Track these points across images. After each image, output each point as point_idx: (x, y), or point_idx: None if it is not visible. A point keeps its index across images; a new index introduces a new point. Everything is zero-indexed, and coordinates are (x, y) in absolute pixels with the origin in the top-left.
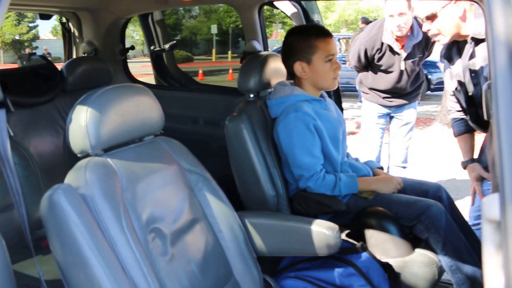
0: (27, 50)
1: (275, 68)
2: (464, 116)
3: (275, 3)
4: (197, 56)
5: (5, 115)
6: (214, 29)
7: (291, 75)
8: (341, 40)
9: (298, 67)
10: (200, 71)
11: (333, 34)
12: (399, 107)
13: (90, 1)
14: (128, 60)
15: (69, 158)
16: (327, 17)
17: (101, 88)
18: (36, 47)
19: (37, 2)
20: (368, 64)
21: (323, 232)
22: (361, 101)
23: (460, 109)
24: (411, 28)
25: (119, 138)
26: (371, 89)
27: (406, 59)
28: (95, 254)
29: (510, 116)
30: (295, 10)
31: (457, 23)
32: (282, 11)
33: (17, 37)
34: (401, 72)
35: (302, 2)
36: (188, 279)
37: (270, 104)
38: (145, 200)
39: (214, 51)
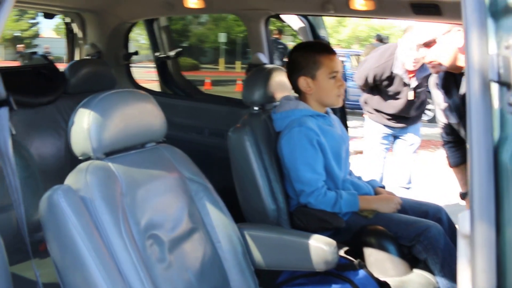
0: (19, 47)
1: (280, 82)
2: (458, 147)
3: (282, 16)
4: (204, 65)
5: (8, 113)
6: (222, 37)
7: (296, 90)
8: (351, 57)
9: (303, 82)
10: (208, 80)
11: (343, 50)
12: (403, 128)
13: (94, 2)
14: (132, 65)
15: (71, 161)
16: (339, 32)
17: (104, 92)
18: (36, 45)
19: (40, 0)
20: (375, 86)
21: (321, 248)
22: None
23: (454, 140)
24: None
25: (121, 143)
26: (376, 110)
27: (414, 89)
28: (93, 257)
29: (480, 140)
30: (303, 25)
31: (455, 53)
32: (289, 25)
33: (18, 34)
34: (409, 101)
35: (309, 17)
36: (184, 287)
37: (274, 118)
38: (144, 206)
39: (221, 60)
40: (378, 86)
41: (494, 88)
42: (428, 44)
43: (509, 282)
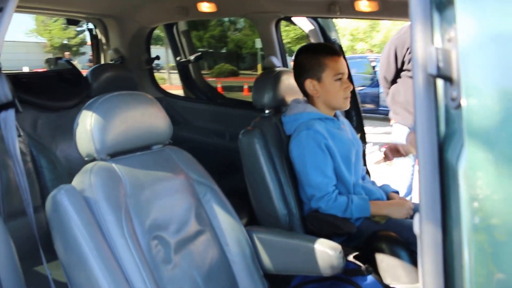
0: (66, 55)
1: (289, 85)
2: None
3: (292, 19)
4: (243, 71)
5: (14, 115)
6: (259, 43)
7: (303, 93)
8: None
9: (309, 84)
10: (246, 86)
11: (375, 55)
12: None
13: (114, 8)
14: (173, 71)
15: None
16: (372, 36)
17: (107, 94)
18: (84, 53)
19: (62, 7)
20: (397, 73)
21: (326, 252)
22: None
23: None
24: None
25: (124, 144)
26: (403, 103)
27: None
28: (94, 255)
29: (424, 138)
30: (312, 27)
31: None
32: (299, 27)
33: (65, 42)
34: None
35: (319, 20)
36: None
37: (284, 121)
38: (149, 207)
39: (260, 66)
40: (400, 73)
41: (440, 83)
42: None
43: (457, 284)
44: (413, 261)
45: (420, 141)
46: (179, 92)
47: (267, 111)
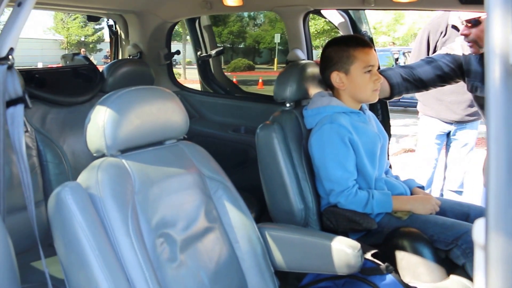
0: (82, 51)
1: (313, 78)
2: None
3: (322, 12)
4: (259, 65)
5: (23, 110)
6: (277, 38)
7: (329, 86)
8: (406, 54)
9: (335, 77)
10: (260, 80)
11: (398, 47)
12: (460, 124)
13: (136, 4)
14: (188, 67)
15: None
16: (395, 30)
17: (123, 89)
18: (100, 49)
19: (84, 4)
20: None
21: (343, 250)
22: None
23: None
24: None
25: (136, 140)
26: (436, 94)
27: None
28: (96, 255)
29: (500, 138)
30: (343, 20)
31: None
32: (329, 21)
33: (82, 39)
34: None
35: (350, 12)
36: (196, 287)
37: (306, 115)
38: (157, 204)
39: (276, 60)
40: None
41: None
42: (472, 23)
43: None
44: (437, 259)
45: (494, 142)
46: (193, 85)
47: (288, 105)
